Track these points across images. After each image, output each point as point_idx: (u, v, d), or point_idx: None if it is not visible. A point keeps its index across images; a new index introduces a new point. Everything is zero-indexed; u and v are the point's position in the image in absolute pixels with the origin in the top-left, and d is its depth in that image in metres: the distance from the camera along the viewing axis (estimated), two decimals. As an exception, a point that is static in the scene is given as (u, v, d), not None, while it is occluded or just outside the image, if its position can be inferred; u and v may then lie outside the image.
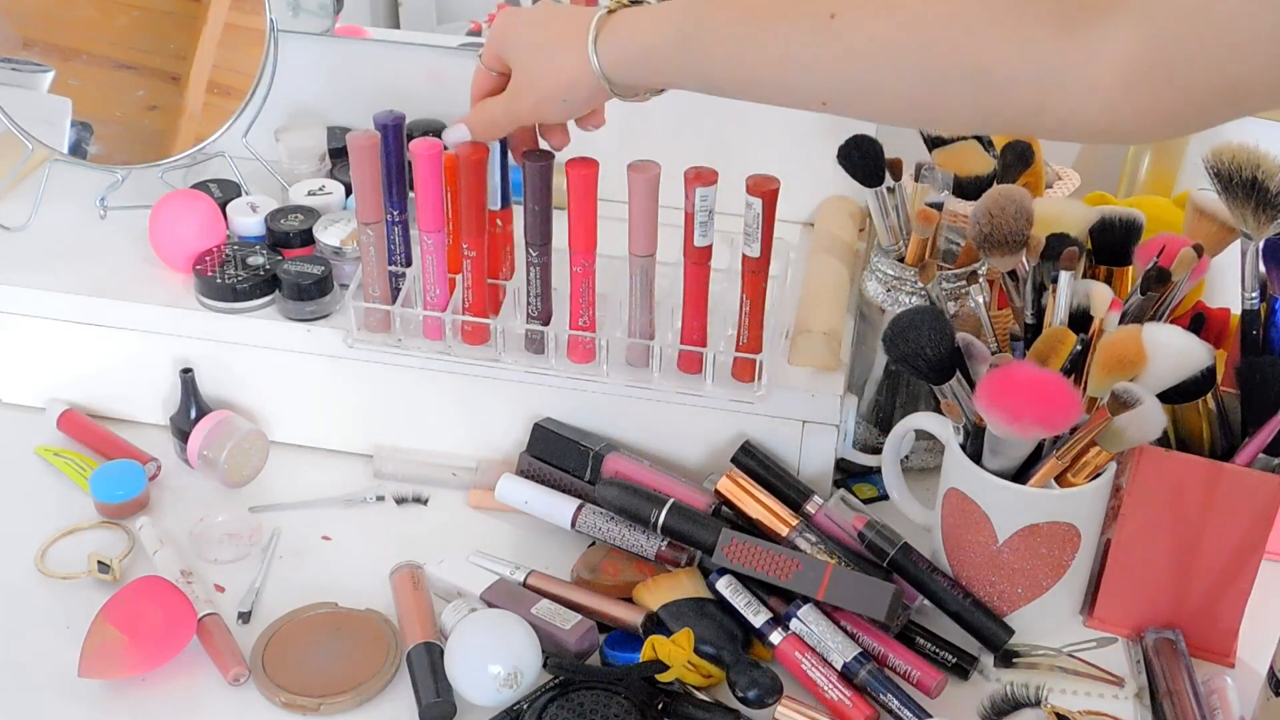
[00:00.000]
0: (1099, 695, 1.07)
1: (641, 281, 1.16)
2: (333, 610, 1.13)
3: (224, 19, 1.39)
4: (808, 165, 1.34)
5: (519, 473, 1.23)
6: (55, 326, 1.29)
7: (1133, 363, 1.01)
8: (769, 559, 1.09)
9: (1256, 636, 1.10)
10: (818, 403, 1.19)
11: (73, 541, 1.21)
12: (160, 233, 1.29)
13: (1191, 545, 1.07)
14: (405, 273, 1.22)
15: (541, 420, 1.24)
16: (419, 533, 1.22)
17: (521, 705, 1.04)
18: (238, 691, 1.07)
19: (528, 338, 1.20)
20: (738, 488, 1.15)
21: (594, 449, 1.21)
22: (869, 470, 1.27)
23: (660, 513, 1.12)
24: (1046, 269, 1.08)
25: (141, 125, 1.40)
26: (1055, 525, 1.06)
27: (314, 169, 1.41)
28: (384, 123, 1.16)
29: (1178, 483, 1.05)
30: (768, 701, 1.02)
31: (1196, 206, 1.15)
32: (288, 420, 1.31)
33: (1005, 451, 1.05)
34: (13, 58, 1.36)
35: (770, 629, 1.07)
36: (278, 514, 1.24)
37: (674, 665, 1.03)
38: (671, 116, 1.37)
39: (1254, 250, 1.07)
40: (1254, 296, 1.08)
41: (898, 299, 1.21)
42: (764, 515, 1.14)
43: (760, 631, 1.08)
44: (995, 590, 1.09)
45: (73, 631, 1.09)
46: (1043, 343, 1.05)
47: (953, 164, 1.18)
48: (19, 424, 1.33)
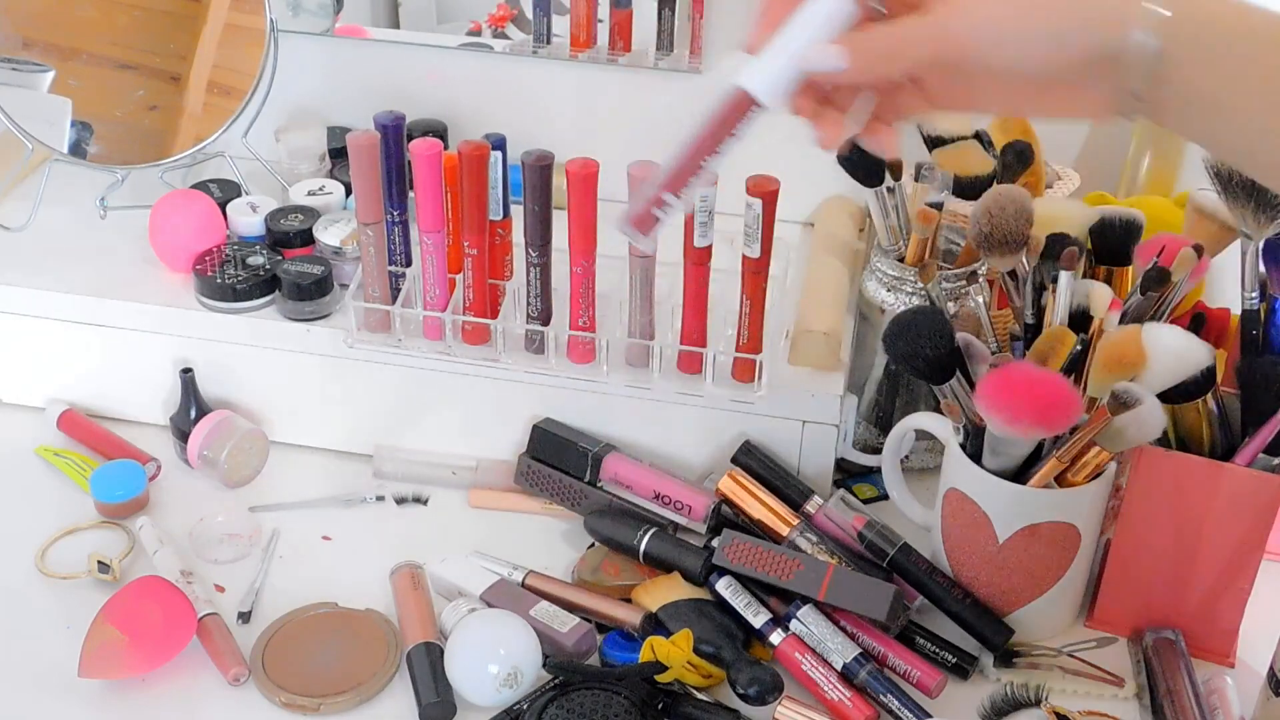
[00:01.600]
0: (1099, 696, 1.07)
1: (641, 281, 1.16)
2: (333, 610, 1.13)
3: (224, 19, 1.39)
4: (808, 165, 1.33)
5: (518, 475, 1.23)
6: (55, 326, 1.29)
7: (1133, 363, 1.01)
8: (770, 559, 1.09)
9: (1256, 636, 1.10)
10: (818, 403, 1.19)
11: (73, 541, 1.21)
12: (160, 233, 1.29)
13: (1191, 545, 1.07)
14: (405, 273, 1.22)
15: (540, 422, 1.24)
16: (419, 533, 1.22)
17: (521, 705, 1.04)
18: (238, 691, 1.07)
19: (528, 338, 1.20)
20: (739, 487, 1.16)
21: (592, 450, 1.21)
22: (869, 470, 1.27)
23: (644, 539, 1.14)
24: (1046, 269, 1.08)
25: (141, 125, 1.40)
26: (1055, 525, 1.06)
27: (314, 169, 1.41)
28: (384, 123, 1.16)
29: (1178, 483, 1.05)
30: (768, 698, 1.02)
31: (1196, 206, 1.15)
32: (288, 420, 1.31)
33: (1005, 451, 1.05)
34: (13, 58, 1.36)
35: (770, 629, 1.07)
36: (278, 514, 1.24)
37: (673, 666, 1.03)
38: (671, 117, 1.37)
39: (1254, 250, 1.07)
40: (1254, 296, 1.08)
41: (898, 299, 1.21)
42: (765, 515, 1.14)
43: (760, 632, 1.08)
44: (995, 590, 1.09)
45: (73, 631, 1.09)
46: (1043, 343, 1.05)
47: (953, 164, 1.18)
48: (19, 424, 1.33)
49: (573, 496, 1.21)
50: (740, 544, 1.10)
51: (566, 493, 1.21)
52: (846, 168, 1.19)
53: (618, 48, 1.36)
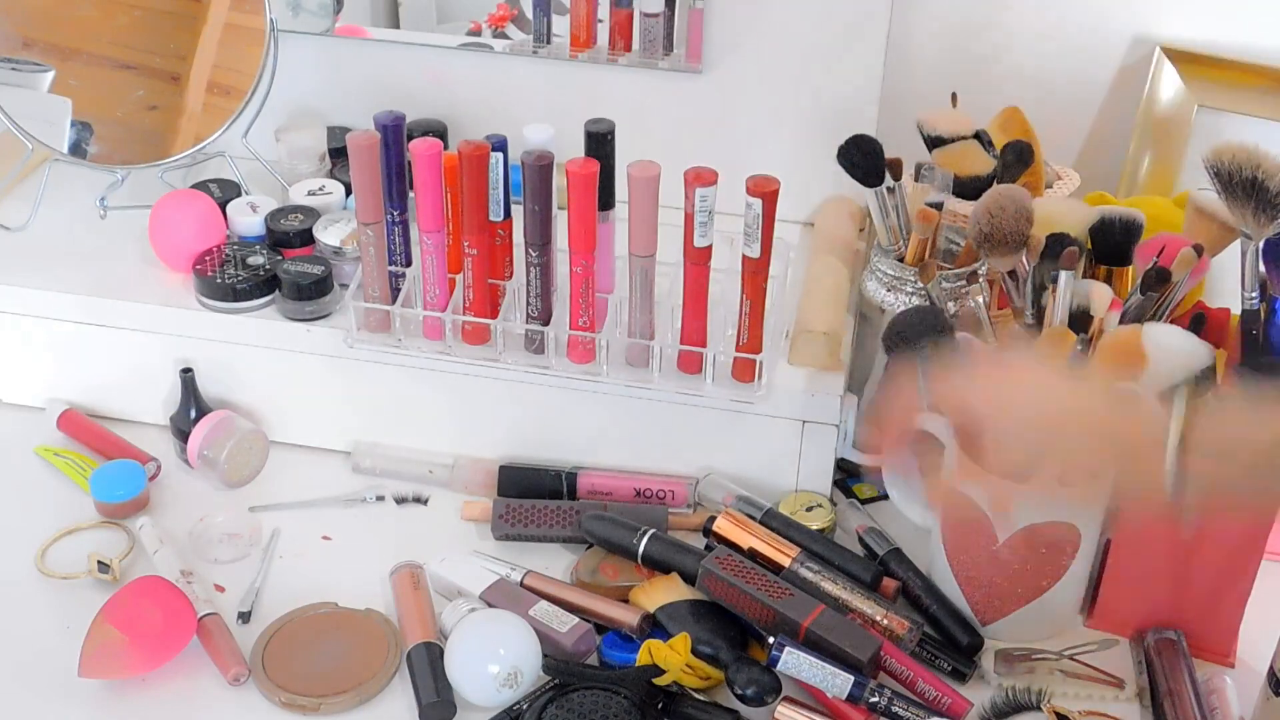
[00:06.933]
0: (1100, 697, 1.07)
1: (641, 281, 1.16)
2: (333, 610, 1.13)
3: (224, 19, 1.39)
4: (808, 165, 1.34)
5: (497, 518, 1.20)
6: (55, 326, 1.29)
7: (1133, 363, 1.01)
8: (760, 579, 1.08)
9: (1256, 636, 1.10)
10: (818, 403, 1.19)
11: (73, 541, 1.21)
12: (160, 233, 1.29)
13: (1191, 545, 1.07)
14: (405, 273, 1.22)
15: (502, 464, 1.25)
16: (419, 533, 1.22)
17: (521, 705, 1.04)
18: (238, 691, 1.07)
19: (528, 338, 1.20)
20: (735, 526, 1.14)
21: (564, 470, 1.23)
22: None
23: (641, 541, 1.13)
24: (1046, 269, 1.08)
25: (141, 125, 1.40)
26: (1055, 525, 1.06)
27: (314, 169, 1.41)
28: (384, 123, 1.16)
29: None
30: (767, 699, 1.02)
31: (1196, 206, 1.15)
32: (288, 420, 1.31)
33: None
34: (13, 58, 1.36)
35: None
36: (278, 514, 1.24)
37: (671, 669, 1.03)
38: (672, 116, 1.37)
39: (1254, 250, 1.07)
40: (1254, 296, 1.08)
41: (898, 299, 1.21)
42: (763, 548, 1.12)
43: (760, 633, 1.08)
44: (995, 590, 1.09)
45: (73, 631, 1.09)
46: (1043, 343, 1.05)
47: (953, 164, 1.18)
48: (19, 424, 1.33)
49: (560, 519, 1.20)
50: (731, 559, 1.09)
51: (552, 518, 1.20)
52: (846, 168, 1.19)
53: (618, 48, 1.36)
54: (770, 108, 1.36)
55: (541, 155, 1.12)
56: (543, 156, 1.12)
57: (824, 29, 1.32)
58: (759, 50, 1.34)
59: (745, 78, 1.35)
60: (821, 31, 1.32)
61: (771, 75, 1.35)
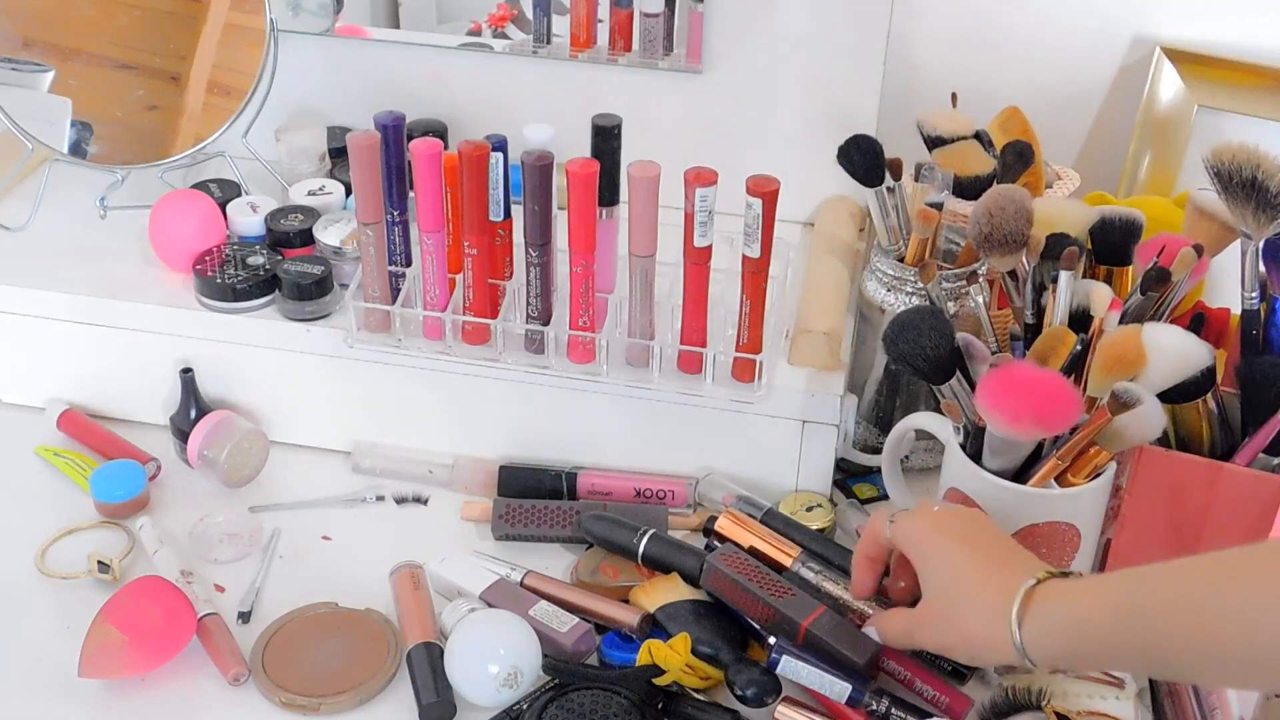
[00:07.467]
0: (1100, 697, 1.07)
1: (641, 281, 1.16)
2: (333, 610, 1.13)
3: (224, 19, 1.39)
4: (808, 165, 1.34)
5: (497, 518, 1.20)
6: (55, 326, 1.29)
7: (1133, 363, 1.01)
8: (763, 578, 1.08)
9: (1256, 637, 1.09)
10: (818, 403, 1.19)
11: (73, 541, 1.21)
12: (160, 233, 1.29)
13: (1191, 545, 1.07)
14: (405, 273, 1.22)
15: (502, 464, 1.25)
16: (419, 533, 1.22)
17: (521, 705, 1.04)
18: (238, 691, 1.07)
19: (528, 338, 1.20)
20: (736, 525, 1.14)
21: (564, 470, 1.24)
22: (869, 470, 1.27)
23: (642, 541, 1.13)
24: (1046, 269, 1.08)
25: (141, 125, 1.40)
26: (1055, 525, 1.06)
27: (314, 169, 1.41)
28: (384, 123, 1.16)
29: (1178, 483, 1.05)
30: (767, 700, 1.02)
31: (1196, 206, 1.15)
32: (288, 420, 1.31)
33: (1005, 451, 1.05)
34: (13, 58, 1.36)
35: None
36: (278, 514, 1.24)
37: (671, 669, 1.03)
38: (671, 116, 1.37)
39: (1254, 250, 1.07)
40: (1254, 296, 1.08)
41: (898, 299, 1.21)
42: (765, 547, 1.12)
43: (760, 633, 1.08)
44: (995, 590, 1.09)
45: (73, 631, 1.09)
46: (1043, 343, 1.05)
47: (953, 164, 1.18)
48: (19, 424, 1.33)
49: (560, 519, 1.20)
50: (737, 557, 1.09)
51: (552, 518, 1.20)
52: (846, 168, 1.19)
53: (618, 48, 1.36)
54: (770, 108, 1.36)
55: (541, 155, 1.12)
56: (543, 156, 1.12)
57: (824, 29, 1.32)
58: (759, 50, 1.34)
59: (745, 78, 1.35)
60: (821, 31, 1.32)
61: (771, 75, 1.35)
